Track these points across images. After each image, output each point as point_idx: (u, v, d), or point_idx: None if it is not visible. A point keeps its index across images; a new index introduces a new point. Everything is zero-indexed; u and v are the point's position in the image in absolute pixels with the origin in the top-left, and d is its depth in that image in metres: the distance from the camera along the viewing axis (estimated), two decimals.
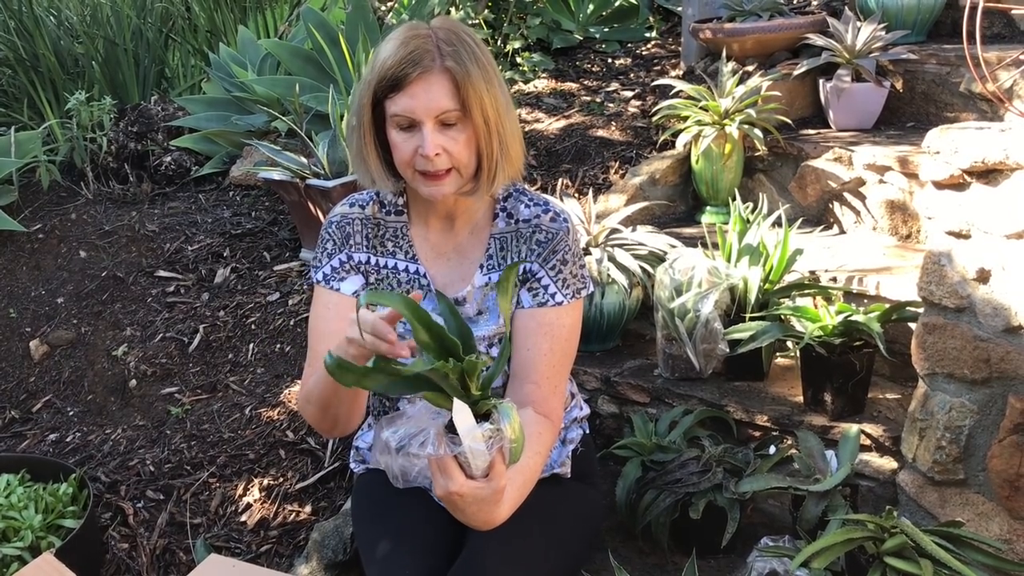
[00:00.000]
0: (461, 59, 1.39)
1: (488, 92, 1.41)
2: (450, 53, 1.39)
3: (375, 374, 1.18)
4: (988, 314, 1.55)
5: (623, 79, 3.70)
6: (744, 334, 2.04)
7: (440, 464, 1.18)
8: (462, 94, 1.39)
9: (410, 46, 1.40)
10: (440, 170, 1.42)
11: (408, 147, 1.42)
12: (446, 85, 1.39)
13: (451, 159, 1.42)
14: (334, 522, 1.99)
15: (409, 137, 1.42)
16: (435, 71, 1.39)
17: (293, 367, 2.58)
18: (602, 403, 2.30)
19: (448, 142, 1.41)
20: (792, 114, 2.90)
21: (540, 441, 1.44)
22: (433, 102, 1.39)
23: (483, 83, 1.41)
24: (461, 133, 1.42)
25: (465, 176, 1.46)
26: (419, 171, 1.44)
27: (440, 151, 1.41)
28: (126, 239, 3.12)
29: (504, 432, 1.16)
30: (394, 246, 1.58)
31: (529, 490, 1.38)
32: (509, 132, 1.46)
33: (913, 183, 2.44)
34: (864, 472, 1.89)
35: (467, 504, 1.21)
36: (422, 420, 1.21)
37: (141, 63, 4.14)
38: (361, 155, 1.50)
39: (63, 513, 2.04)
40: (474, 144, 1.44)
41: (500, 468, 1.20)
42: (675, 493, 1.83)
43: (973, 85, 2.64)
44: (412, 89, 1.39)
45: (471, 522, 1.26)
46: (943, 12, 3.09)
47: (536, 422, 1.45)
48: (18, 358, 2.82)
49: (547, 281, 1.52)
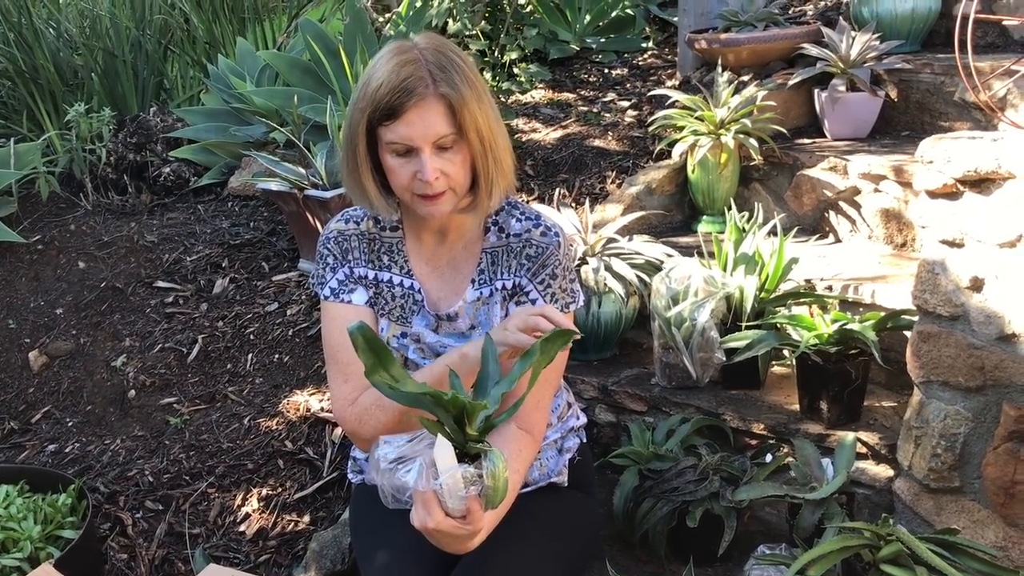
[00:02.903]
0: (454, 83, 1.39)
1: (480, 111, 1.42)
2: (443, 79, 1.39)
3: (382, 371, 1.18)
4: (982, 322, 1.56)
5: (619, 89, 3.71)
6: (740, 343, 2.04)
7: (422, 497, 1.19)
8: (458, 118, 1.40)
9: (402, 74, 1.38)
10: (438, 192, 1.43)
11: (406, 172, 1.43)
12: (442, 111, 1.39)
13: (448, 180, 1.43)
14: (332, 532, 2.00)
15: (406, 163, 1.43)
16: (430, 98, 1.39)
17: (291, 377, 2.59)
18: (599, 412, 2.30)
19: (445, 164, 1.42)
20: (787, 124, 2.92)
21: (520, 458, 1.46)
22: (430, 128, 1.39)
23: (475, 103, 1.41)
24: (457, 155, 1.43)
25: (460, 194, 1.47)
26: (417, 194, 1.45)
27: (439, 175, 1.42)
28: (125, 250, 3.13)
29: (484, 480, 1.17)
30: (390, 260, 1.59)
31: (507, 509, 1.39)
32: (501, 146, 1.47)
33: (908, 192, 2.45)
34: (860, 480, 1.90)
35: (442, 537, 1.24)
36: (417, 447, 1.21)
37: (140, 75, 4.16)
38: (358, 180, 1.49)
39: (62, 524, 2.04)
40: (470, 164, 1.45)
41: (477, 512, 1.21)
42: (672, 501, 1.84)
43: (967, 94, 2.66)
44: (408, 117, 1.39)
45: (445, 549, 1.29)
46: (937, 22, 3.10)
47: (517, 438, 1.46)
48: (17, 369, 2.82)
49: (535, 295, 1.53)
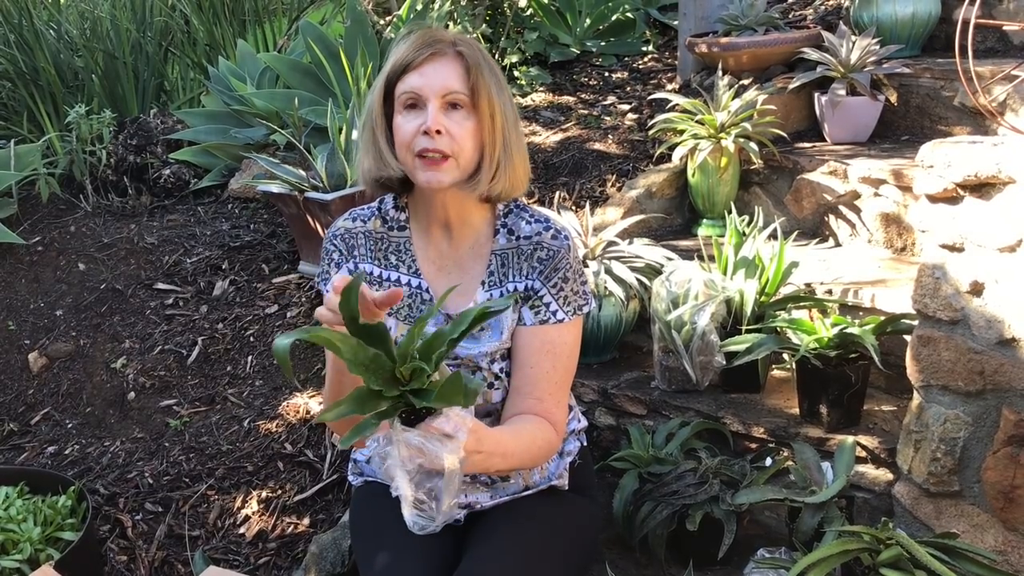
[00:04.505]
0: (474, 52, 1.44)
1: (498, 96, 1.44)
2: (463, 44, 1.44)
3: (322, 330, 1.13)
4: (982, 327, 1.56)
5: (620, 92, 3.72)
6: (740, 346, 2.05)
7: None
8: (471, 79, 1.42)
9: (426, 36, 1.44)
10: (439, 151, 1.41)
11: (411, 126, 1.42)
12: (457, 68, 1.42)
13: (452, 144, 1.42)
14: (332, 534, 2.00)
15: (413, 118, 1.43)
16: (448, 54, 1.43)
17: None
18: (599, 415, 2.30)
19: (452, 125, 1.42)
20: (787, 127, 2.92)
21: (539, 427, 1.47)
22: (441, 81, 1.41)
23: (494, 84, 1.44)
24: (466, 120, 1.43)
25: (463, 168, 1.45)
26: (418, 154, 1.42)
27: (442, 130, 1.41)
28: (125, 252, 3.13)
29: (438, 423, 1.12)
30: (397, 260, 1.58)
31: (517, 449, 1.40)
32: (515, 144, 1.48)
33: (908, 196, 2.45)
34: (860, 484, 1.90)
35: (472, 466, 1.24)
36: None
37: (141, 77, 4.16)
38: (372, 141, 1.50)
39: (62, 526, 2.04)
40: (478, 137, 1.44)
41: (466, 440, 1.16)
42: (672, 505, 1.84)
43: (967, 99, 2.66)
44: (423, 68, 1.42)
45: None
46: (937, 26, 3.11)
47: (537, 420, 1.48)
48: (17, 370, 2.82)
49: (549, 299, 1.53)
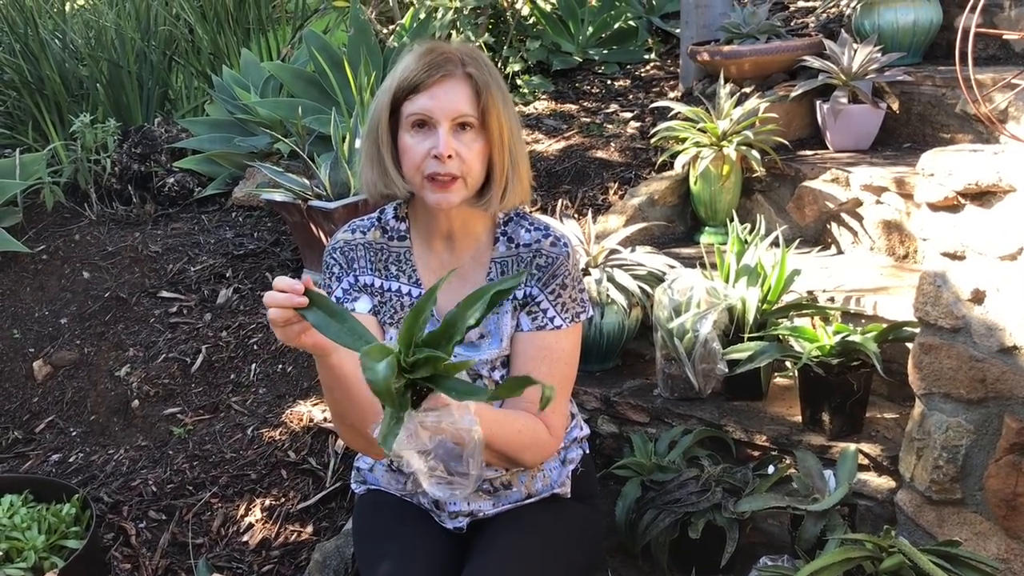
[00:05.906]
0: (482, 71, 1.44)
1: (505, 111, 1.45)
2: (472, 64, 1.44)
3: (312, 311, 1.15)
4: (983, 334, 1.57)
5: (622, 100, 3.73)
6: (742, 354, 2.05)
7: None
8: (482, 102, 1.42)
9: (433, 54, 1.44)
10: (449, 175, 1.42)
11: (420, 148, 1.43)
12: (467, 91, 1.43)
13: (462, 166, 1.43)
14: (335, 542, 2.00)
15: (422, 139, 1.43)
16: (457, 76, 1.43)
17: (295, 387, 2.59)
18: (602, 423, 2.31)
19: (462, 147, 1.43)
20: (789, 135, 2.93)
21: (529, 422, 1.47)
22: (452, 104, 1.41)
23: (501, 101, 1.45)
24: (475, 142, 1.44)
25: (471, 187, 1.46)
26: (427, 176, 1.44)
27: (453, 154, 1.42)
28: (129, 260, 3.15)
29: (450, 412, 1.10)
30: (397, 270, 1.59)
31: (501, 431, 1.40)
32: (520, 155, 1.50)
33: (909, 204, 2.45)
34: (862, 492, 1.90)
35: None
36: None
37: (145, 85, 4.18)
38: (377, 156, 1.50)
39: (66, 533, 2.04)
40: (486, 157, 1.46)
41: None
42: (674, 513, 1.84)
43: (968, 107, 2.67)
44: (433, 90, 1.42)
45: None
46: (938, 34, 3.12)
47: (528, 415, 1.47)
48: (21, 379, 2.83)
49: (546, 305, 1.54)
